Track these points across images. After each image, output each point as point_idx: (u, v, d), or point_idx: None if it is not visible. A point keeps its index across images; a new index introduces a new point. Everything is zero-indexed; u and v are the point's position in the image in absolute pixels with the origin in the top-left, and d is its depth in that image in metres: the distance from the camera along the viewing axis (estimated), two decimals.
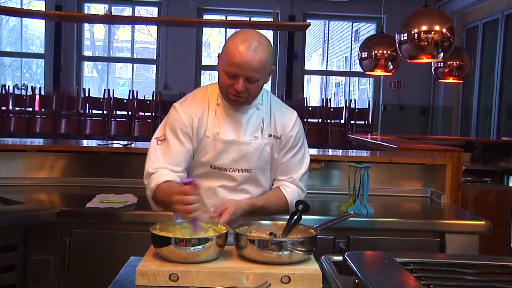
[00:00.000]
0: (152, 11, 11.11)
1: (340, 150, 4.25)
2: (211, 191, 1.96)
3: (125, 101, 9.48)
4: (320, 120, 9.57)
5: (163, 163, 1.91)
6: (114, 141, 3.69)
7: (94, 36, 13.52)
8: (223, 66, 1.83)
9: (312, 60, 16.03)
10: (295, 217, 1.77)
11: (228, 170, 1.95)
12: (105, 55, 11.78)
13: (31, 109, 9.24)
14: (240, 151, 1.94)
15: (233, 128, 1.95)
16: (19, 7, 10.23)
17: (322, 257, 1.74)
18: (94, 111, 9.41)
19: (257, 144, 1.95)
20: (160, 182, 1.87)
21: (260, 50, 1.79)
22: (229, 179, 1.96)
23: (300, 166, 2.05)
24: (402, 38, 4.42)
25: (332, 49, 13.72)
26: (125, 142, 3.47)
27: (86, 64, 11.82)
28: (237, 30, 1.88)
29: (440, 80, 6.69)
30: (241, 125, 1.95)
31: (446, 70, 6.16)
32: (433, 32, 4.27)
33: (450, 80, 6.35)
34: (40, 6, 10.23)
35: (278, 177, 2.05)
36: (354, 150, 4.17)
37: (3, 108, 9.14)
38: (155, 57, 10.66)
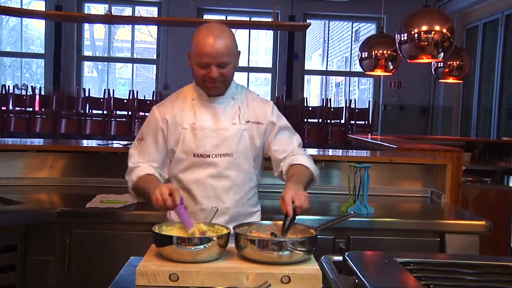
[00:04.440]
0: (152, 11, 11.11)
1: (340, 150, 4.25)
2: (200, 183, 2.03)
3: (125, 101, 9.48)
4: (320, 120, 9.57)
5: (141, 160, 2.09)
6: (114, 141, 3.69)
7: (94, 36, 13.52)
8: (195, 60, 1.97)
9: (312, 60, 16.02)
10: (288, 217, 1.76)
11: (210, 156, 2.02)
12: (105, 55, 11.78)
13: (31, 109, 9.25)
14: (220, 136, 2.03)
15: (210, 117, 2.06)
16: (19, 7, 10.23)
17: (322, 257, 1.74)
18: (94, 111, 9.42)
19: (236, 129, 2.05)
20: (142, 174, 2.03)
21: (224, 37, 1.96)
22: (212, 166, 2.03)
23: (291, 140, 2.13)
24: (402, 38, 4.42)
25: (332, 49, 13.72)
26: (125, 142, 3.47)
27: (86, 64, 11.82)
28: (201, 25, 2.02)
29: (440, 80, 6.69)
30: (217, 114, 2.06)
31: (446, 70, 6.16)
32: (433, 32, 4.27)
33: (450, 80, 6.35)
34: (40, 6, 10.23)
35: (280, 156, 2.10)
36: (354, 150, 4.17)
37: (3, 108, 9.14)
38: (155, 57, 10.66)
